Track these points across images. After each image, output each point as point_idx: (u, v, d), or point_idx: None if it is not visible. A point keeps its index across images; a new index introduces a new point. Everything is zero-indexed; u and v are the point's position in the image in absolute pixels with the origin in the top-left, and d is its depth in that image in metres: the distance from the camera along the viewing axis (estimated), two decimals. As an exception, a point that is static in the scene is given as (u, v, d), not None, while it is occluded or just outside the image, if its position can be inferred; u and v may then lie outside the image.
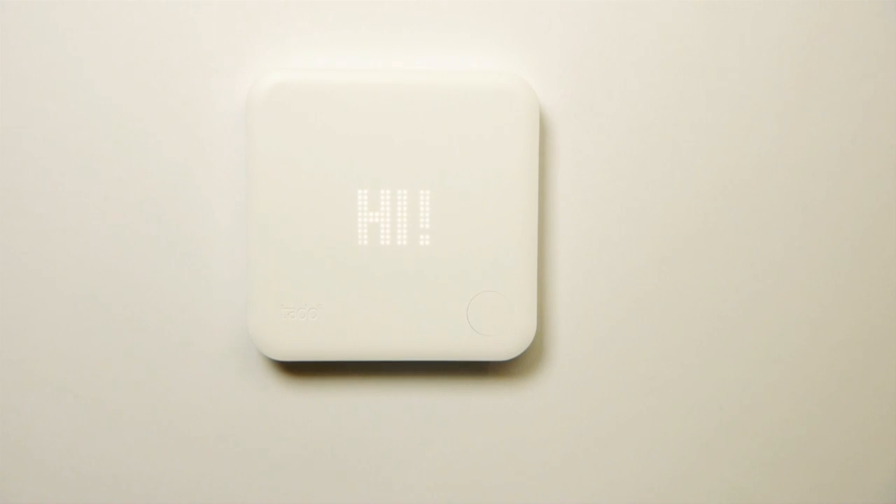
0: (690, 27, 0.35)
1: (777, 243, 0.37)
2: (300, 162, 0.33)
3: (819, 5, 0.36)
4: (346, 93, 0.33)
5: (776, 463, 0.37)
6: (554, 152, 0.36)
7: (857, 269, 0.37)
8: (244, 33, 0.35)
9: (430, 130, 0.34)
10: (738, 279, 0.37)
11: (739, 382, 0.37)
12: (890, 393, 0.37)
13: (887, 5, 0.36)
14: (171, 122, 0.35)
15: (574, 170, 0.36)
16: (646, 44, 0.35)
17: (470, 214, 0.34)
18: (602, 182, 0.36)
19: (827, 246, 0.37)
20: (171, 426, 0.36)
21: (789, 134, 0.36)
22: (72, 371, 0.36)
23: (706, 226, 0.36)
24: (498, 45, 0.35)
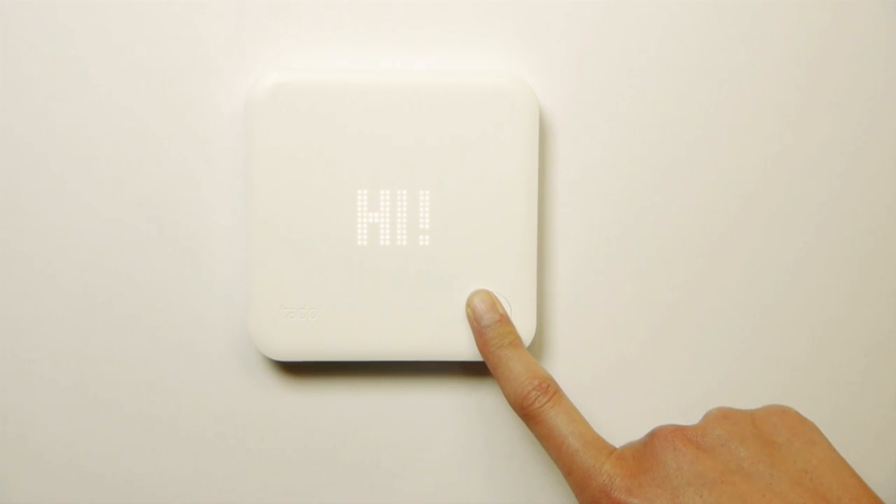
0: (691, 27, 0.35)
1: (780, 243, 0.37)
2: (300, 162, 0.33)
3: (822, 6, 0.36)
4: (346, 93, 0.33)
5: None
6: (554, 152, 0.36)
7: (864, 271, 0.37)
8: (245, 34, 0.35)
9: (429, 130, 0.33)
10: (737, 280, 0.37)
11: (740, 383, 0.37)
12: (890, 393, 0.37)
13: (890, 6, 0.36)
14: (171, 122, 0.35)
15: (574, 170, 0.36)
16: (646, 44, 0.35)
17: (470, 214, 0.34)
18: (602, 182, 0.36)
19: (831, 247, 0.37)
20: (171, 425, 0.36)
21: (790, 134, 0.36)
22: (72, 371, 0.36)
23: (706, 226, 0.36)
24: (498, 45, 0.35)
